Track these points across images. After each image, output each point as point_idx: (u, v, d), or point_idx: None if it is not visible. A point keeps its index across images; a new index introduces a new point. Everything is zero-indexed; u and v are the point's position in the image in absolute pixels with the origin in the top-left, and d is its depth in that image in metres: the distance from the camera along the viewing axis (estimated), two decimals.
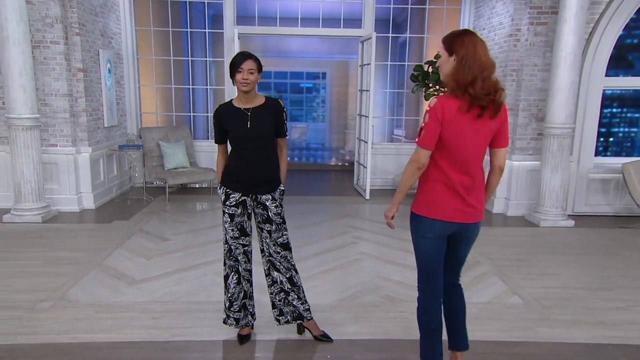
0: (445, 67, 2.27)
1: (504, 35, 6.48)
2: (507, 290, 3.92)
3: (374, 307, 3.57)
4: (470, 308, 3.53)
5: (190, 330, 3.21)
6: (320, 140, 12.17)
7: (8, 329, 3.17)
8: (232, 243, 2.97)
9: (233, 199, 2.91)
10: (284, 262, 3.02)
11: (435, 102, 2.26)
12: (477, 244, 4.91)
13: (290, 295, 3.06)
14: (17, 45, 5.32)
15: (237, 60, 2.79)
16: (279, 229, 2.97)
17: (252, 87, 2.84)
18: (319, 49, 10.70)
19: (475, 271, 4.31)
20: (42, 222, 5.56)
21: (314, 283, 3.99)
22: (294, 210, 6.37)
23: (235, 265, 3.01)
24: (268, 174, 2.91)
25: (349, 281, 4.04)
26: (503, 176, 6.36)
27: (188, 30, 7.73)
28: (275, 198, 2.94)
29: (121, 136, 7.21)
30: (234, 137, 2.88)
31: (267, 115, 2.87)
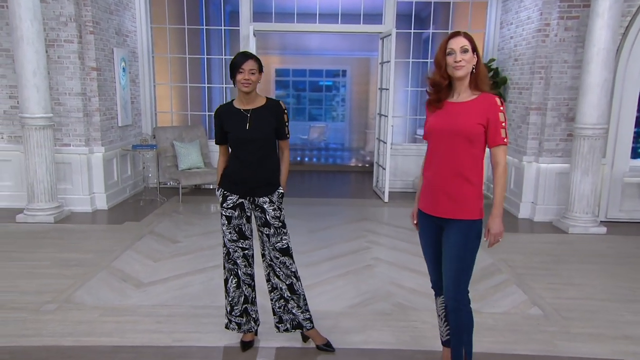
0: (471, 64, 2.38)
1: (532, 30, 6.36)
2: (527, 301, 3.84)
3: (385, 315, 3.54)
4: (486, 318, 3.50)
5: (193, 336, 3.24)
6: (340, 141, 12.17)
7: (12, 330, 3.26)
8: (230, 246, 2.99)
9: (230, 201, 2.94)
10: (283, 269, 3.02)
11: (500, 100, 2.39)
12: (497, 250, 4.91)
13: (290, 303, 3.06)
14: (31, 44, 5.47)
15: (237, 60, 2.81)
16: (277, 233, 2.96)
17: (254, 88, 2.86)
18: (339, 45, 10.70)
19: (494, 279, 4.24)
20: (54, 222, 5.71)
21: (323, 289, 3.99)
22: (308, 213, 6.38)
23: (234, 268, 3.03)
24: (266, 176, 2.92)
25: (360, 287, 4.02)
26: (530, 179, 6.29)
27: (204, 27, 7.81)
28: (273, 201, 2.94)
29: (135, 136, 7.35)
30: (232, 139, 2.91)
31: (267, 116, 2.89)
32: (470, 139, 2.38)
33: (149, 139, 7.26)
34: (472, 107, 2.39)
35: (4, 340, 3.15)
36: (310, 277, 4.21)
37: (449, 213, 2.44)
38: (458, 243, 2.45)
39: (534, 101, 6.30)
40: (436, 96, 2.48)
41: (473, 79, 2.41)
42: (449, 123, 2.40)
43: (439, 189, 2.45)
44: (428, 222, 2.57)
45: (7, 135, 6.29)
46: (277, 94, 11.94)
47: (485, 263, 4.64)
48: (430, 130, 2.49)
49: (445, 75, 2.41)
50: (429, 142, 2.52)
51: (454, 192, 2.42)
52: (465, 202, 2.42)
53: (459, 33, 2.40)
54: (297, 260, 4.58)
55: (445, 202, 2.44)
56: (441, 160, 2.44)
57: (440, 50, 2.41)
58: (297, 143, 12.05)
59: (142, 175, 7.24)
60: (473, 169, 2.43)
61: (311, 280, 4.16)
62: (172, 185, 7.61)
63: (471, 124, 2.36)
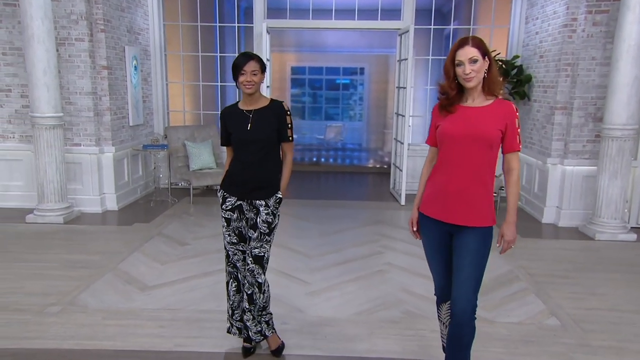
0: (482, 72, 2.38)
1: (558, 25, 6.26)
2: (544, 310, 3.78)
3: (392, 323, 3.53)
4: (498, 328, 3.46)
5: (195, 341, 3.28)
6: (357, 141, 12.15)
7: (14, 332, 3.35)
8: (229, 249, 3.03)
9: (229, 202, 2.97)
10: (249, 277, 2.98)
11: (515, 107, 2.43)
12: (517, 257, 4.84)
13: (246, 314, 3.03)
14: (42, 43, 5.61)
15: (239, 62, 2.84)
16: (260, 239, 2.95)
17: (257, 89, 2.90)
18: (357, 42, 10.69)
19: (511, 288, 4.18)
20: (63, 223, 5.83)
21: (331, 294, 4.00)
22: (321, 216, 6.39)
23: (234, 271, 3.07)
24: (265, 178, 2.94)
25: (369, 293, 4.01)
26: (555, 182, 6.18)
27: (217, 24, 7.89)
28: (268, 205, 2.95)
29: (147, 135, 7.46)
30: (234, 140, 2.96)
31: (268, 118, 2.91)
32: (491, 145, 2.40)
33: (160, 139, 7.37)
34: (490, 113, 2.41)
35: (6, 342, 3.23)
36: (318, 282, 4.22)
37: (465, 220, 2.44)
38: (477, 250, 2.45)
39: (559, 100, 6.19)
40: (448, 101, 2.48)
41: (485, 84, 2.42)
42: (468, 128, 2.40)
43: (454, 194, 2.44)
44: (436, 228, 2.55)
45: (18, 135, 6.45)
46: (293, 93, 11.99)
47: (502, 270, 4.58)
48: (445, 135, 2.46)
49: (453, 85, 2.43)
50: (443, 146, 2.50)
51: (471, 198, 2.42)
52: (482, 209, 2.44)
53: (467, 41, 2.38)
54: (305, 264, 4.66)
55: (461, 208, 2.43)
56: (458, 165, 2.42)
57: (448, 59, 2.41)
58: (313, 143, 12.08)
59: (153, 175, 7.34)
60: (490, 174, 2.45)
61: (318, 285, 4.17)
62: (183, 186, 7.70)
63: (492, 130, 2.39)
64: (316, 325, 3.50)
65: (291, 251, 5.04)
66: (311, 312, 3.70)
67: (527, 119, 7.14)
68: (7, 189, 6.53)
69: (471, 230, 2.44)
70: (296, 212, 6.61)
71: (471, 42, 2.37)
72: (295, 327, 3.45)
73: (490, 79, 2.41)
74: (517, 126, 2.42)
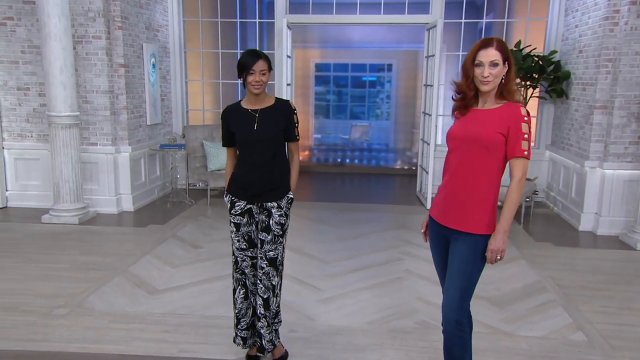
0: (499, 77, 2.40)
1: (598, 18, 6.11)
2: (571, 324, 3.70)
3: (405, 333, 3.52)
4: (518, 341, 3.42)
5: (200, 347, 3.35)
6: (384, 141, 12.12)
7: (20, 334, 3.48)
8: (238, 255, 3.06)
9: (238, 207, 3.00)
10: (265, 280, 3.01)
11: (525, 110, 2.39)
12: (547, 267, 4.76)
13: (261, 321, 3.04)
14: (59, 41, 5.80)
15: (247, 61, 2.86)
16: (274, 241, 2.99)
17: (264, 89, 2.93)
18: (384, 37, 10.65)
19: (536, 299, 4.12)
20: (78, 223, 6.02)
21: (343, 302, 4.01)
22: (342, 219, 6.40)
23: (242, 278, 3.10)
24: (274, 180, 2.98)
25: (384, 302, 4.01)
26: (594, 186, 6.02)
27: (238, 20, 8.00)
28: (281, 206, 2.99)
29: (165, 134, 7.62)
30: (239, 140, 2.98)
31: (275, 117, 2.95)
32: (488, 148, 2.38)
33: (178, 138, 7.51)
34: (494, 115, 2.41)
35: (11, 343, 3.37)
36: (331, 290, 4.24)
37: (456, 223, 2.47)
38: (466, 259, 2.44)
39: (598, 98, 6.05)
40: (463, 102, 2.50)
41: (500, 89, 2.43)
42: (468, 130, 2.44)
43: (449, 197, 2.49)
44: (436, 231, 2.61)
45: (36, 134, 6.69)
46: (317, 90, 12.03)
47: (529, 280, 4.51)
48: (448, 137, 2.54)
49: (471, 86, 2.44)
50: (449, 148, 2.57)
51: (465, 203, 2.44)
52: (476, 215, 2.42)
53: (491, 42, 2.39)
54: (320, 270, 4.68)
55: (454, 211, 2.47)
56: (456, 167, 2.48)
57: (468, 58, 2.42)
58: (338, 143, 12.09)
59: (170, 176, 7.48)
60: (488, 180, 2.42)
61: (331, 292, 4.19)
62: (201, 187, 7.83)
63: (489, 132, 2.38)
64: (325, 334, 3.52)
65: (306, 256, 5.07)
66: (322, 320, 3.72)
67: (565, 118, 6.99)
68: (24, 189, 6.78)
69: (464, 236, 2.45)
70: (315, 216, 6.64)
71: (495, 44, 2.38)
72: (304, 335, 3.48)
73: (507, 85, 2.43)
74: (525, 131, 2.35)
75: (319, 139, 12.15)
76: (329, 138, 12.34)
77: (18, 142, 6.70)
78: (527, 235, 5.93)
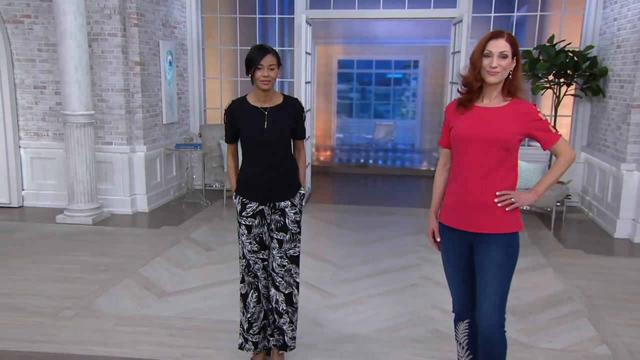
0: (507, 70, 2.43)
1: (638, 10, 5.98)
2: (595, 337, 3.64)
3: (416, 342, 3.52)
4: (536, 354, 3.39)
5: (204, 352, 3.42)
6: (410, 141, 12.04)
7: (27, 335, 3.61)
8: (250, 257, 3.09)
9: (250, 209, 3.04)
10: (287, 277, 3.09)
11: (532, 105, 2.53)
12: (575, 275, 4.68)
13: (283, 317, 3.11)
14: (74, 39, 5.97)
15: (255, 56, 2.90)
16: (292, 240, 3.07)
17: (273, 85, 2.97)
18: (410, 32, 10.60)
19: (560, 309, 4.07)
20: (92, 224, 6.18)
21: (355, 309, 4.04)
22: (361, 223, 6.42)
23: (254, 282, 3.13)
24: (286, 180, 3.04)
25: (397, 309, 4.02)
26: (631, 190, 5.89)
27: (257, 16, 8.09)
28: (295, 204, 3.05)
29: (182, 134, 7.76)
30: (247, 139, 3.01)
31: (286, 116, 3.00)
32: (508, 148, 2.44)
33: (194, 138, 7.64)
34: (508, 115, 2.45)
35: (17, 344, 3.50)
36: (343, 295, 4.27)
37: (485, 227, 2.47)
38: (501, 262, 2.49)
39: (637, 97, 5.92)
40: (468, 96, 2.51)
41: (507, 85, 2.47)
42: (484, 129, 2.45)
43: (472, 200, 2.48)
44: (455, 238, 2.59)
45: (52, 133, 6.89)
46: (340, 88, 12.05)
47: (554, 289, 4.46)
48: (461, 137, 2.51)
49: (479, 77, 2.46)
50: (458, 149, 2.55)
51: (490, 203, 2.46)
52: (505, 214, 2.47)
53: (502, 34, 2.43)
54: (334, 275, 4.72)
55: (480, 215, 2.48)
56: (475, 169, 2.47)
57: (477, 49, 2.45)
58: (361, 143, 12.08)
59: (186, 176, 7.61)
60: (510, 179, 2.49)
61: (344, 298, 4.22)
62: (217, 187, 7.95)
63: (509, 133, 2.43)
64: (333, 341, 3.55)
65: (321, 260, 5.11)
66: (331, 327, 3.75)
67: (601, 118, 6.86)
68: (40, 188, 6.99)
69: (494, 239, 2.48)
70: (334, 219, 6.68)
71: (506, 36, 2.43)
72: (311, 342, 3.51)
73: (514, 81, 2.47)
74: (544, 118, 2.49)
75: (341, 138, 12.16)
76: (351, 138, 12.34)
77: (34, 141, 6.92)
78: (557, 242, 5.84)
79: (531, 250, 5.54)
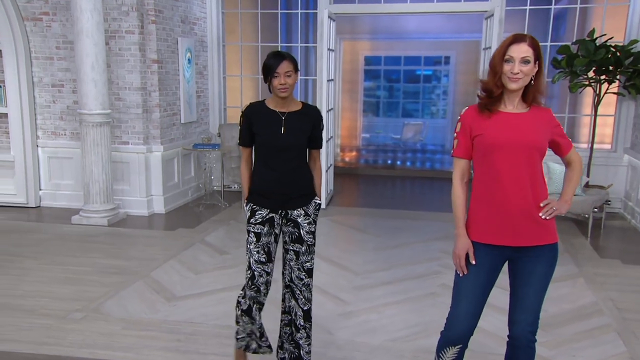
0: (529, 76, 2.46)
1: None
2: (623, 353, 3.60)
3: (429, 353, 3.51)
4: None
5: (210, 358, 3.51)
6: (440, 141, 11.99)
7: (35, 337, 3.76)
8: (256, 268, 3.07)
9: (259, 215, 3.08)
10: (305, 292, 3.16)
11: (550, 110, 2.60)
12: (608, 287, 4.62)
13: (300, 332, 3.18)
14: (90, 36, 6.17)
15: (271, 63, 2.96)
16: (308, 252, 3.13)
17: (291, 92, 3.03)
18: (442, 27, 10.54)
19: (589, 322, 4.03)
20: (107, 225, 6.37)
21: (367, 317, 4.08)
22: (383, 227, 6.45)
23: (256, 296, 3.11)
24: (301, 187, 3.10)
25: (412, 318, 4.04)
26: None
27: (279, 11, 8.19)
28: (308, 214, 3.11)
29: (200, 133, 7.92)
30: (263, 144, 3.06)
31: (303, 123, 3.07)
32: (542, 154, 2.52)
33: (213, 138, 7.78)
34: (534, 121, 2.51)
35: (25, 346, 3.65)
36: (357, 303, 4.32)
37: (533, 239, 2.50)
38: (544, 274, 2.55)
39: None
40: (489, 101, 2.51)
41: (530, 92, 2.49)
42: (520, 136, 2.46)
43: (519, 212, 2.47)
44: (490, 257, 2.55)
45: (69, 132, 7.13)
46: (366, 86, 12.08)
47: (584, 301, 4.41)
48: (495, 145, 2.46)
49: (499, 83, 2.46)
50: (490, 158, 2.48)
51: (534, 214, 2.49)
52: (549, 223, 2.52)
53: (524, 38, 2.43)
54: (349, 282, 4.78)
55: (529, 227, 2.49)
56: (515, 179, 2.45)
57: (498, 53, 2.45)
58: (388, 144, 12.08)
59: (204, 177, 7.76)
60: (544, 186, 2.57)
61: (357, 306, 4.27)
62: (236, 189, 8.07)
63: (541, 139, 2.50)
64: (341, 349, 3.60)
65: (337, 266, 5.16)
66: (340, 335, 3.80)
67: None
68: (57, 188, 7.24)
69: (539, 250, 2.51)
70: (355, 223, 6.72)
71: (528, 40, 2.43)
72: (318, 350, 3.55)
73: (538, 87, 2.49)
74: (561, 127, 2.60)
75: (367, 138, 12.17)
76: (378, 138, 12.35)
77: (52, 140, 7.16)
78: (593, 251, 5.76)
79: (563, 259, 5.45)
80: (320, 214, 6.89)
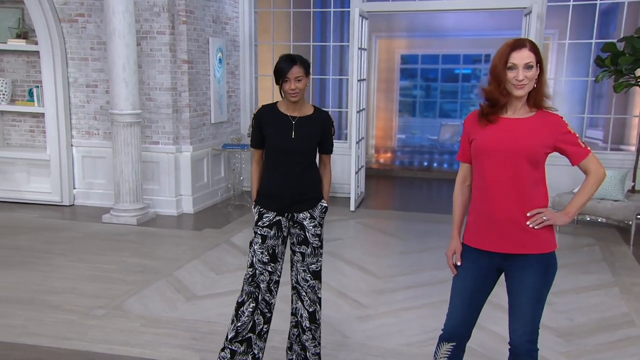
0: (533, 81, 2.48)
1: None
2: None
3: None
4: None
5: None
6: None
7: (58, 331, 3.99)
8: (258, 267, 3.23)
9: (266, 218, 3.20)
10: (311, 293, 3.26)
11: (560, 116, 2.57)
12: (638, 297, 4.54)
13: (306, 334, 3.28)
14: (122, 37, 6.43)
15: (281, 67, 3.07)
16: (314, 254, 3.23)
17: (302, 96, 3.14)
18: (481, 24, 10.46)
19: (617, 333, 4.01)
20: (136, 224, 6.62)
21: (384, 321, 4.15)
22: (411, 231, 6.49)
23: (255, 292, 3.26)
24: (307, 191, 3.20)
25: (429, 323, 4.07)
26: None
27: (312, 10, 8.31)
28: (314, 216, 3.21)
29: (231, 133, 8.12)
30: (273, 146, 3.18)
31: (314, 127, 3.18)
32: (534, 161, 2.49)
33: (242, 138, 7.96)
34: (534, 126, 2.50)
35: (48, 340, 3.87)
36: (376, 306, 4.39)
37: (523, 247, 2.52)
38: (537, 285, 2.54)
39: None
40: (492, 109, 2.56)
41: (533, 95, 2.52)
42: (508, 142, 2.50)
43: (502, 219, 2.52)
44: (480, 261, 2.63)
45: (102, 132, 7.43)
46: (403, 85, 12.07)
47: (614, 312, 4.37)
48: (483, 150, 2.55)
49: (505, 92, 2.50)
50: (480, 164, 2.57)
51: (521, 222, 2.50)
52: (538, 232, 2.51)
53: (525, 44, 2.46)
54: (370, 285, 4.86)
55: (514, 235, 2.52)
56: (500, 185, 2.51)
57: (500, 61, 2.49)
58: (425, 145, 12.03)
59: (234, 177, 7.95)
60: (540, 195, 2.54)
61: (375, 309, 4.34)
62: None
63: (534, 145, 2.48)
64: (355, 352, 3.69)
65: (359, 269, 5.24)
66: (355, 338, 3.89)
67: None
68: (90, 187, 7.55)
69: (533, 259, 2.52)
70: (384, 226, 6.77)
71: (529, 45, 2.46)
72: (331, 352, 3.66)
73: (540, 89, 2.51)
74: (574, 132, 2.53)
75: (403, 139, 12.16)
76: (414, 139, 12.32)
77: (85, 139, 7.48)
78: (634, 260, 5.66)
79: (599, 267, 5.42)
80: (349, 217, 7.01)
